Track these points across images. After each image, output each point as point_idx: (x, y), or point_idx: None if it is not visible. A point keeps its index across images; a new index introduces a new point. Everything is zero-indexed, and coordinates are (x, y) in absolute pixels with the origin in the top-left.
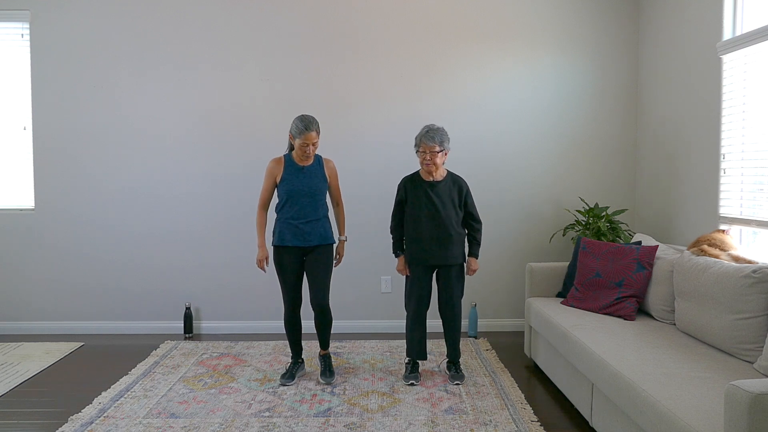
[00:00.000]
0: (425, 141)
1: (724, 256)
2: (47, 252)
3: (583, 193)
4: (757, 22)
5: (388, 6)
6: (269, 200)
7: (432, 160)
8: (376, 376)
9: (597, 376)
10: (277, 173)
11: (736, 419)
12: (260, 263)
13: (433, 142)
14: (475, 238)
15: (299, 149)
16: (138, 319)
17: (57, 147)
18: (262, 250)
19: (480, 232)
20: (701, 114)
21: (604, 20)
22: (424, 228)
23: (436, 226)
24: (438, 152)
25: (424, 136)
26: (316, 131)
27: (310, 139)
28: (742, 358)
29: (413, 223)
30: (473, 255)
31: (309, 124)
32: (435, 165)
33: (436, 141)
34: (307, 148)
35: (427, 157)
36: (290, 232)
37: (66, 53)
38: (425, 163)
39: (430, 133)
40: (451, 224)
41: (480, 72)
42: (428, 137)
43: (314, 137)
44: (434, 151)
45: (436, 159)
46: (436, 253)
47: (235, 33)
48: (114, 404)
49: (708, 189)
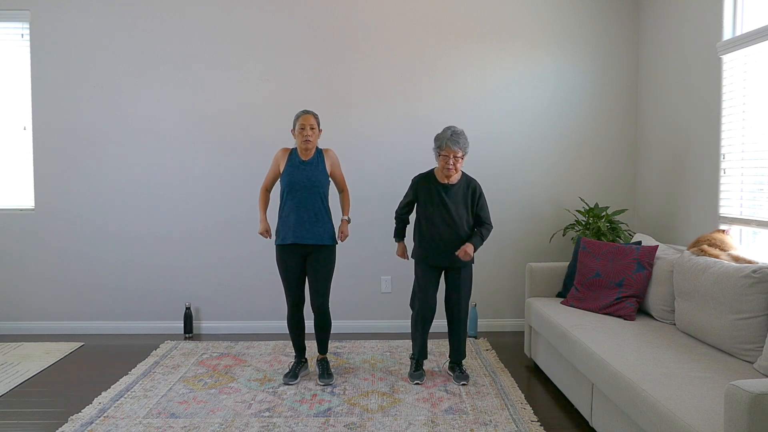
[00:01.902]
0: (450, 145)
1: (724, 256)
2: (47, 252)
3: (583, 193)
4: (757, 22)
5: (388, 6)
6: (272, 184)
7: (454, 165)
8: (376, 376)
9: (597, 376)
10: (281, 162)
11: (736, 419)
12: (263, 234)
13: (458, 147)
14: (480, 231)
15: (299, 135)
16: (138, 319)
17: (57, 147)
18: (263, 224)
19: (487, 231)
20: (701, 114)
21: (604, 20)
22: (436, 230)
23: (449, 229)
24: (460, 157)
25: (449, 139)
26: (312, 115)
27: (307, 120)
28: (742, 358)
29: (426, 224)
30: (471, 242)
31: (305, 110)
32: (456, 170)
33: (461, 146)
34: (304, 130)
35: (450, 162)
36: (291, 230)
37: (66, 53)
38: (447, 167)
39: (455, 137)
40: (464, 228)
41: (480, 72)
42: (453, 141)
43: (311, 119)
44: (457, 156)
45: (458, 164)
46: (447, 256)
47: (235, 33)
48: (114, 404)
49: (708, 189)
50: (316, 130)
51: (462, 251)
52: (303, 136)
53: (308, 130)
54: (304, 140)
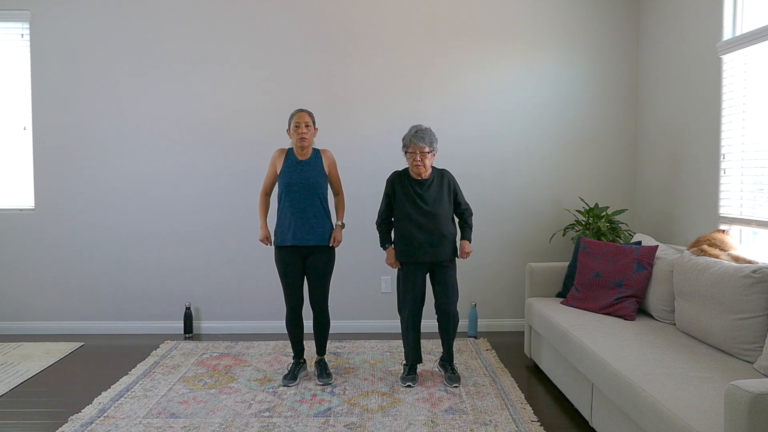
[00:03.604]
0: (415, 141)
1: (724, 256)
2: (47, 252)
3: (583, 193)
4: (757, 22)
5: (387, 6)
6: (271, 187)
7: (422, 161)
8: (376, 376)
9: (597, 376)
10: (278, 163)
11: (736, 419)
12: (263, 241)
13: (423, 143)
14: (467, 222)
15: (294, 133)
16: (138, 319)
17: (57, 147)
18: (264, 230)
19: (471, 216)
20: (701, 114)
21: (604, 20)
22: (414, 226)
23: (428, 225)
24: (428, 153)
25: (414, 136)
26: (307, 113)
27: (302, 118)
28: (742, 358)
29: (403, 222)
30: (466, 238)
31: (300, 108)
32: (425, 166)
33: (426, 141)
34: (299, 128)
35: (417, 158)
36: (290, 231)
37: (66, 53)
38: (415, 164)
39: (420, 133)
40: (443, 221)
41: (480, 72)
42: (418, 137)
43: (306, 117)
44: (424, 152)
45: (425, 160)
46: (428, 251)
47: (236, 33)
48: (114, 404)
49: (708, 189)
50: (312, 128)
51: (463, 254)
52: (298, 134)
53: (303, 127)
54: (300, 138)
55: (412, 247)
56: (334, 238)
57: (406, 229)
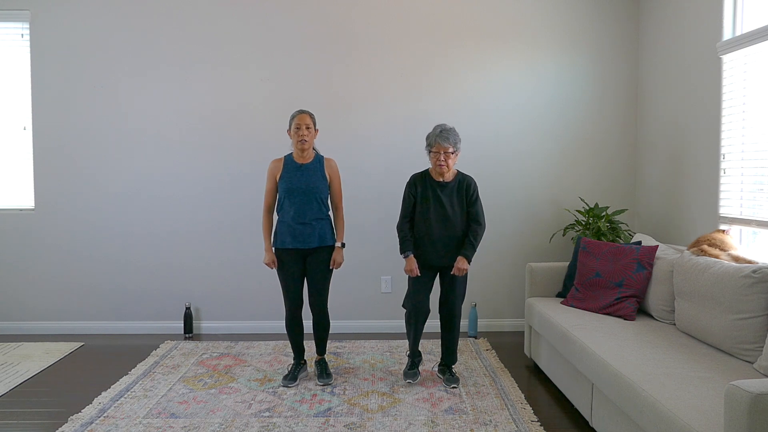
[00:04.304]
0: (440, 141)
1: (724, 256)
2: (47, 252)
3: (583, 193)
4: (757, 22)
5: (387, 6)
6: (273, 202)
7: (446, 161)
8: (376, 376)
9: (597, 376)
10: (276, 172)
11: (736, 419)
12: (269, 265)
13: (447, 143)
14: (470, 240)
15: (294, 135)
16: (138, 319)
17: (57, 147)
18: (269, 254)
19: (478, 235)
20: (701, 114)
21: (604, 20)
22: (433, 229)
23: (445, 228)
24: (452, 153)
25: (439, 136)
26: (308, 114)
27: (303, 120)
28: (742, 358)
29: (422, 223)
30: (464, 255)
31: (301, 109)
32: (448, 166)
33: (451, 142)
34: (300, 130)
35: (441, 158)
36: (290, 234)
37: (66, 53)
38: (438, 163)
39: (444, 133)
40: (460, 225)
41: (480, 72)
42: (443, 137)
43: (307, 118)
44: (448, 152)
45: (449, 160)
46: (443, 255)
47: (236, 33)
48: (114, 404)
49: (708, 189)
50: (312, 130)
51: (456, 269)
52: (299, 135)
53: (304, 129)
54: (300, 140)
55: (428, 249)
56: (333, 260)
57: (423, 231)
